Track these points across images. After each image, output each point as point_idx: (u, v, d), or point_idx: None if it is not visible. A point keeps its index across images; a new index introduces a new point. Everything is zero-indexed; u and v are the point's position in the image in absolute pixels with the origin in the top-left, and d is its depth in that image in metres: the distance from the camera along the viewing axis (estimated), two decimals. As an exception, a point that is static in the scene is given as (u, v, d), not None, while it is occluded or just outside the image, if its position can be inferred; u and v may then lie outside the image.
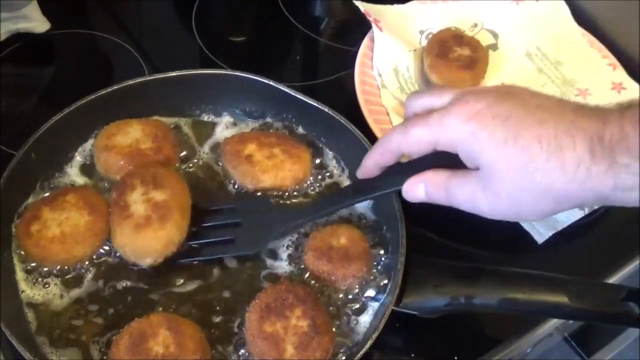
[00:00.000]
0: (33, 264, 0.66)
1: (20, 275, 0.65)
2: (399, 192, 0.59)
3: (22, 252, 0.66)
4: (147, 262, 0.65)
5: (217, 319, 0.64)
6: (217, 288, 0.67)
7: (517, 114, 0.50)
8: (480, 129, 0.50)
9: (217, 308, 0.65)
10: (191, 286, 0.66)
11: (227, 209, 0.71)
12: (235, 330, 0.64)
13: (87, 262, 0.67)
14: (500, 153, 0.50)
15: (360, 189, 0.64)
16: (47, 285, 0.65)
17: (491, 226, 0.75)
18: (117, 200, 0.67)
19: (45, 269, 0.66)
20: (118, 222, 0.66)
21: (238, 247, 0.68)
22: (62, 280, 0.65)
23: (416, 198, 0.57)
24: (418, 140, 0.55)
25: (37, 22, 0.93)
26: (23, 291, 0.64)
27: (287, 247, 0.70)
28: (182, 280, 0.67)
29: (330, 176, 0.76)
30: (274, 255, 0.69)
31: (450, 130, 0.52)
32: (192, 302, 0.65)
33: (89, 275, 0.66)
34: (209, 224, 0.70)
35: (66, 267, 0.66)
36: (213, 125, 0.80)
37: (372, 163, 0.60)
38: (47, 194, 0.70)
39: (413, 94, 0.60)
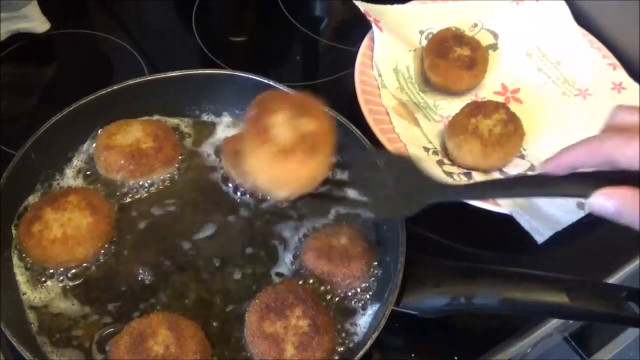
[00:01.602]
0: (34, 265, 0.66)
1: (20, 275, 0.65)
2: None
3: (23, 253, 0.66)
4: (282, 194, 0.59)
5: (217, 320, 0.64)
6: (217, 288, 0.67)
7: None
8: None
9: (218, 308, 0.65)
10: (191, 287, 0.67)
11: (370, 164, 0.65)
12: (236, 330, 0.64)
13: (88, 263, 0.67)
14: None
15: (542, 184, 0.56)
16: (47, 286, 0.65)
17: (491, 226, 0.76)
18: (255, 120, 0.58)
19: (46, 270, 0.66)
20: (254, 145, 0.57)
21: (376, 208, 0.63)
22: (62, 281, 0.65)
23: (602, 211, 0.51)
24: (633, 154, 0.48)
25: (37, 22, 0.93)
26: (24, 292, 0.64)
27: (286, 249, 0.70)
28: (180, 278, 0.67)
29: (330, 176, 0.76)
30: (275, 255, 0.69)
31: None
32: (192, 301, 0.66)
33: (90, 276, 0.66)
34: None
35: (67, 268, 0.66)
36: (213, 125, 0.80)
37: (568, 161, 0.53)
38: (48, 194, 0.70)
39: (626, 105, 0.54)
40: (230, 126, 0.80)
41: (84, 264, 0.66)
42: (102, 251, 0.68)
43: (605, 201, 0.51)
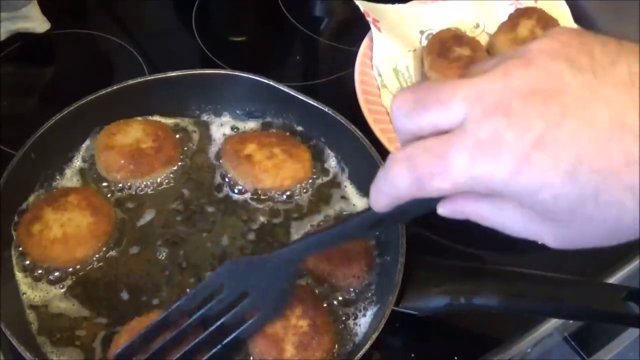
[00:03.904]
0: (34, 265, 0.66)
1: (20, 275, 0.65)
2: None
3: (24, 253, 0.66)
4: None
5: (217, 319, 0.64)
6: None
7: (586, 153, 0.35)
8: (541, 186, 0.36)
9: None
10: (191, 286, 0.66)
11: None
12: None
13: (88, 263, 0.66)
14: (575, 214, 0.37)
15: (378, 221, 0.51)
16: (47, 286, 0.65)
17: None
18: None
19: (46, 269, 0.65)
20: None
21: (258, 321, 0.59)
22: (62, 281, 0.65)
23: (457, 217, 0.45)
24: (440, 192, 0.40)
25: (37, 22, 0.93)
26: (24, 292, 0.64)
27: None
28: (180, 279, 0.67)
29: (331, 176, 0.76)
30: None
31: (494, 185, 0.38)
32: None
33: (90, 275, 0.66)
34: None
35: (67, 268, 0.66)
36: (213, 125, 0.80)
37: (386, 202, 0.44)
38: (48, 194, 0.70)
39: (399, 108, 0.41)
40: (230, 126, 0.80)
41: (85, 264, 0.66)
42: (102, 250, 0.67)
43: (453, 212, 0.45)
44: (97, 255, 0.67)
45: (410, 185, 0.40)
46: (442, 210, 0.45)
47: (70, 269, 0.66)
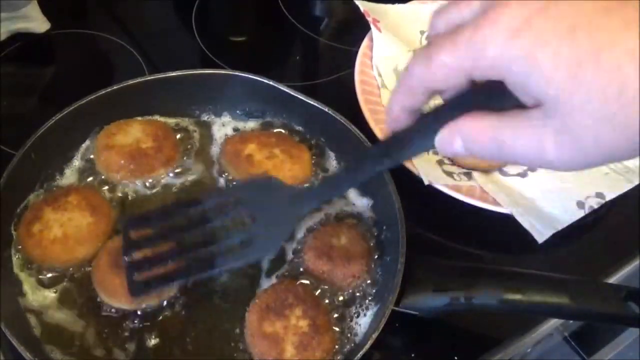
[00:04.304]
0: (34, 265, 0.65)
1: (20, 275, 0.65)
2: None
3: (24, 253, 0.66)
4: None
5: (217, 319, 0.64)
6: (217, 287, 0.67)
7: (586, 17, 0.36)
8: (539, 46, 0.36)
9: (217, 307, 0.65)
10: (191, 285, 0.67)
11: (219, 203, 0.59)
12: (236, 330, 0.64)
13: (87, 263, 0.66)
14: (576, 80, 0.36)
15: (386, 152, 0.50)
16: (48, 285, 0.65)
17: (491, 226, 0.76)
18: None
19: (46, 269, 0.65)
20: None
21: (255, 250, 0.57)
22: (63, 280, 0.65)
23: (454, 153, 0.44)
24: (445, 69, 0.41)
25: (37, 22, 0.93)
26: (24, 292, 0.64)
27: (286, 248, 0.70)
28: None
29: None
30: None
31: (490, 52, 0.38)
32: (192, 300, 0.65)
33: (90, 276, 0.66)
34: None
35: (67, 268, 0.66)
36: (213, 125, 0.80)
37: (398, 108, 0.46)
38: (48, 194, 0.70)
39: (437, 10, 0.44)
40: (230, 126, 0.80)
41: (84, 263, 0.66)
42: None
43: (449, 141, 0.43)
44: (96, 255, 0.67)
45: (421, 66, 0.42)
46: (440, 135, 0.44)
47: (70, 269, 0.66)
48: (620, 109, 0.36)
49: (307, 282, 0.67)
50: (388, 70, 0.89)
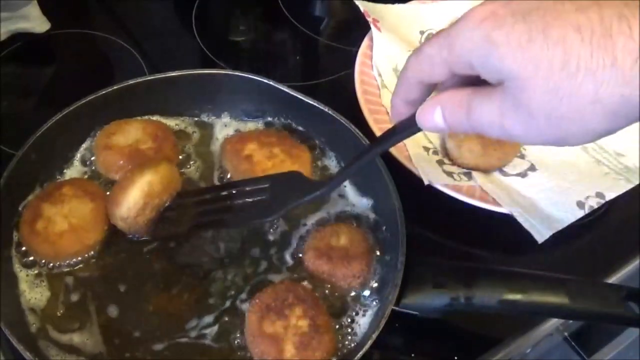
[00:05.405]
0: (34, 263, 0.66)
1: (20, 275, 0.65)
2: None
3: (29, 252, 0.66)
4: None
5: (217, 319, 0.64)
6: (217, 287, 0.67)
7: (544, 4, 0.39)
8: (496, 28, 0.40)
9: (217, 308, 0.65)
10: (190, 285, 0.67)
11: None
12: (236, 330, 0.64)
13: (95, 251, 0.67)
14: (525, 54, 0.39)
15: (379, 140, 0.56)
16: (48, 284, 0.65)
17: (491, 226, 0.76)
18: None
19: (48, 267, 0.65)
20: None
21: (258, 213, 0.65)
22: (63, 278, 0.65)
23: (433, 126, 0.47)
24: (429, 59, 0.45)
25: (37, 22, 0.93)
26: (24, 292, 0.64)
27: (286, 248, 0.70)
28: (182, 277, 0.67)
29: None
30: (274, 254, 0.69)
31: (461, 41, 0.42)
32: (191, 300, 0.65)
33: (90, 275, 0.66)
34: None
35: (66, 264, 0.66)
36: (213, 125, 0.80)
37: (399, 101, 0.51)
38: (41, 192, 0.70)
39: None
40: (230, 126, 0.80)
41: (87, 255, 0.67)
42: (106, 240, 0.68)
43: (428, 113, 0.46)
44: (104, 240, 0.67)
45: (412, 58, 0.47)
46: (422, 107, 0.48)
47: (73, 262, 0.66)
48: (564, 81, 0.38)
49: (307, 282, 0.67)
50: (388, 70, 0.89)
